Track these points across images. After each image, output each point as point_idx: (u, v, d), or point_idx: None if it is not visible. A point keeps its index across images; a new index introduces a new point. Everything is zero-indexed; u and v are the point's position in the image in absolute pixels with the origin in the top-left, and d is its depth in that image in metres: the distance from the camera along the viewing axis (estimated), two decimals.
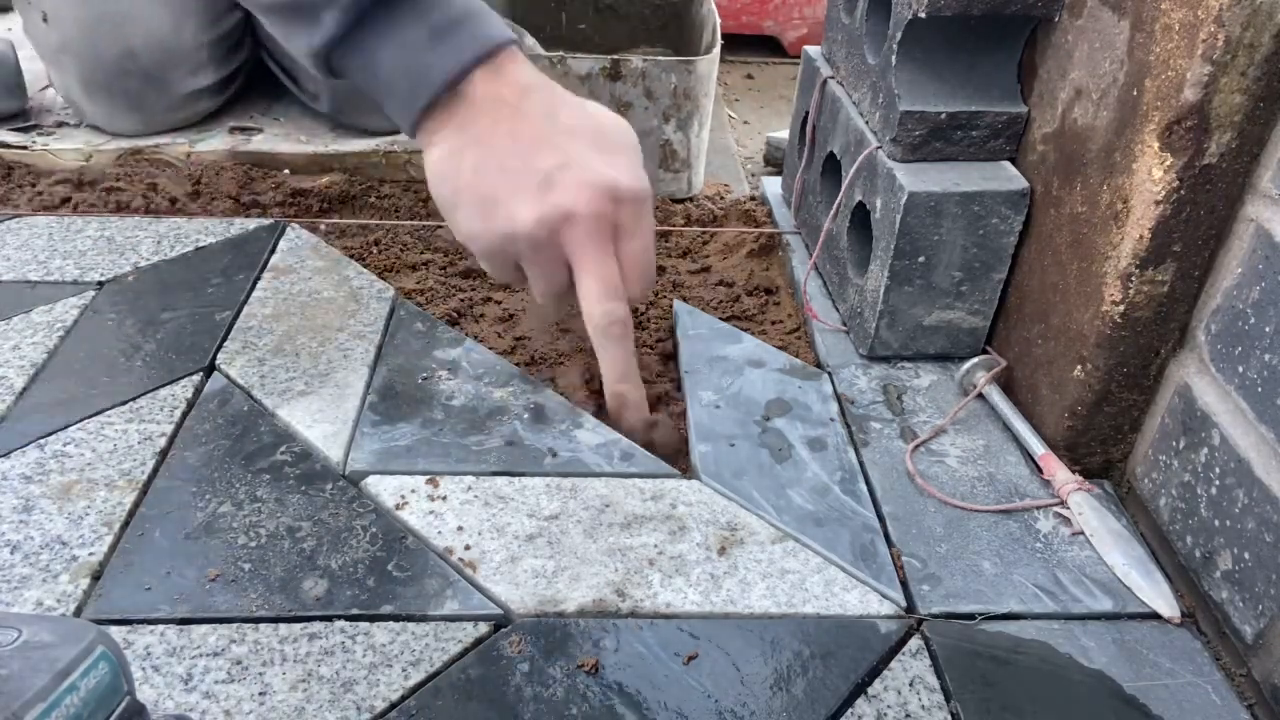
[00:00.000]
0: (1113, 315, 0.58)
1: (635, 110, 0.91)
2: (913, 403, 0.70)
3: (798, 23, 1.43)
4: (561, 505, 0.60)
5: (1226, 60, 0.50)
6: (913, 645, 0.53)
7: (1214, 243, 0.56)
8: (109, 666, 0.38)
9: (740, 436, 0.66)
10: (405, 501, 0.59)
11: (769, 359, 0.74)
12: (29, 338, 0.71)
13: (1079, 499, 0.61)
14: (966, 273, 0.69)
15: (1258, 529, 0.51)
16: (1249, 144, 0.52)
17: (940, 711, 0.50)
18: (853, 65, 0.77)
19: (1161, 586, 0.57)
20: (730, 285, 0.84)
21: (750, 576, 0.56)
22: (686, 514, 0.60)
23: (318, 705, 0.48)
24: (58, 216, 0.87)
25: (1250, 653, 0.52)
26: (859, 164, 0.73)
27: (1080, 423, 0.63)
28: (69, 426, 0.63)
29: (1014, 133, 0.68)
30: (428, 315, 0.76)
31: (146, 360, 0.70)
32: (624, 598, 0.54)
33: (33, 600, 0.52)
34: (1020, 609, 0.55)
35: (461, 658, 0.51)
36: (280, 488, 0.60)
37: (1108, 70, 0.58)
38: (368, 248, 0.85)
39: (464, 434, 0.65)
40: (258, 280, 0.79)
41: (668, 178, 0.95)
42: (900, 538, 0.59)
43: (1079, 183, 0.61)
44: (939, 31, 0.66)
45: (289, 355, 0.71)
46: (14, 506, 0.57)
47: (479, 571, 0.55)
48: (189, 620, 0.52)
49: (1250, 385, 0.53)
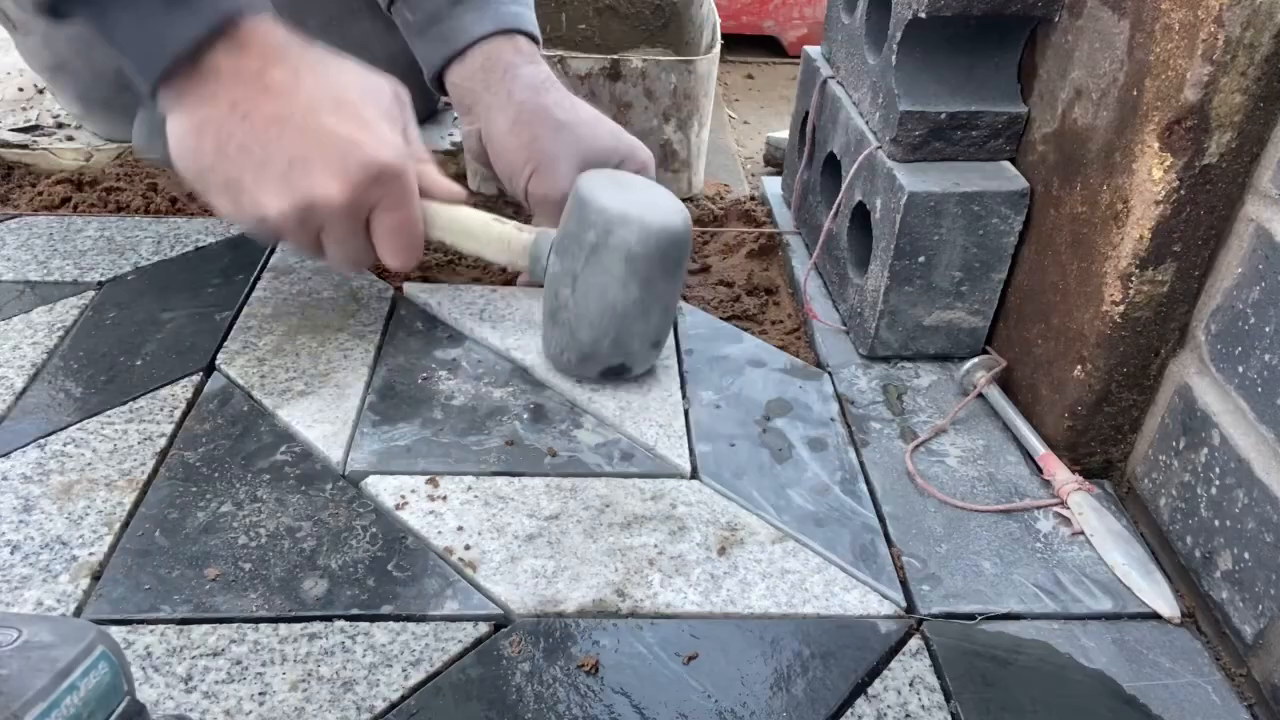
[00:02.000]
0: (1113, 315, 0.58)
1: (635, 110, 0.91)
2: (913, 403, 0.71)
3: (798, 23, 1.43)
4: (561, 505, 0.60)
5: (1226, 60, 0.50)
6: (913, 645, 0.53)
7: (1214, 243, 0.56)
8: (109, 666, 0.38)
9: (740, 436, 0.66)
10: (405, 501, 0.59)
11: (769, 359, 0.74)
12: (29, 338, 0.71)
13: (1079, 499, 0.61)
14: (966, 273, 0.69)
15: (1258, 529, 0.51)
16: (1249, 144, 0.53)
17: (940, 711, 0.50)
18: (853, 65, 0.77)
19: (1161, 586, 0.57)
20: (730, 285, 0.84)
21: (750, 576, 0.56)
22: (686, 514, 0.60)
23: (318, 705, 0.48)
24: (58, 216, 0.87)
25: (1250, 653, 0.52)
26: (859, 164, 0.73)
27: (1080, 423, 0.63)
28: (69, 426, 0.63)
29: (1014, 133, 0.68)
30: (428, 314, 0.76)
31: (146, 360, 0.70)
32: (624, 598, 0.54)
33: (33, 600, 0.52)
34: (1020, 609, 0.55)
35: (461, 658, 0.51)
36: (280, 488, 0.60)
37: (1108, 70, 0.58)
38: None
39: (464, 434, 0.65)
40: (257, 280, 0.79)
41: (668, 178, 0.95)
42: (900, 538, 0.59)
43: (1079, 183, 0.61)
44: (939, 31, 0.66)
45: (289, 355, 0.71)
46: (14, 506, 0.57)
47: (479, 571, 0.55)
48: (189, 620, 0.52)
49: (1250, 385, 0.53)
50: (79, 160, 0.96)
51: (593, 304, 0.65)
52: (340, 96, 0.60)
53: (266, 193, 0.58)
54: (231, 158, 0.58)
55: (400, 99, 0.65)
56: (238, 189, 0.59)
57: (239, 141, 0.57)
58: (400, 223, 0.62)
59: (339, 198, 0.58)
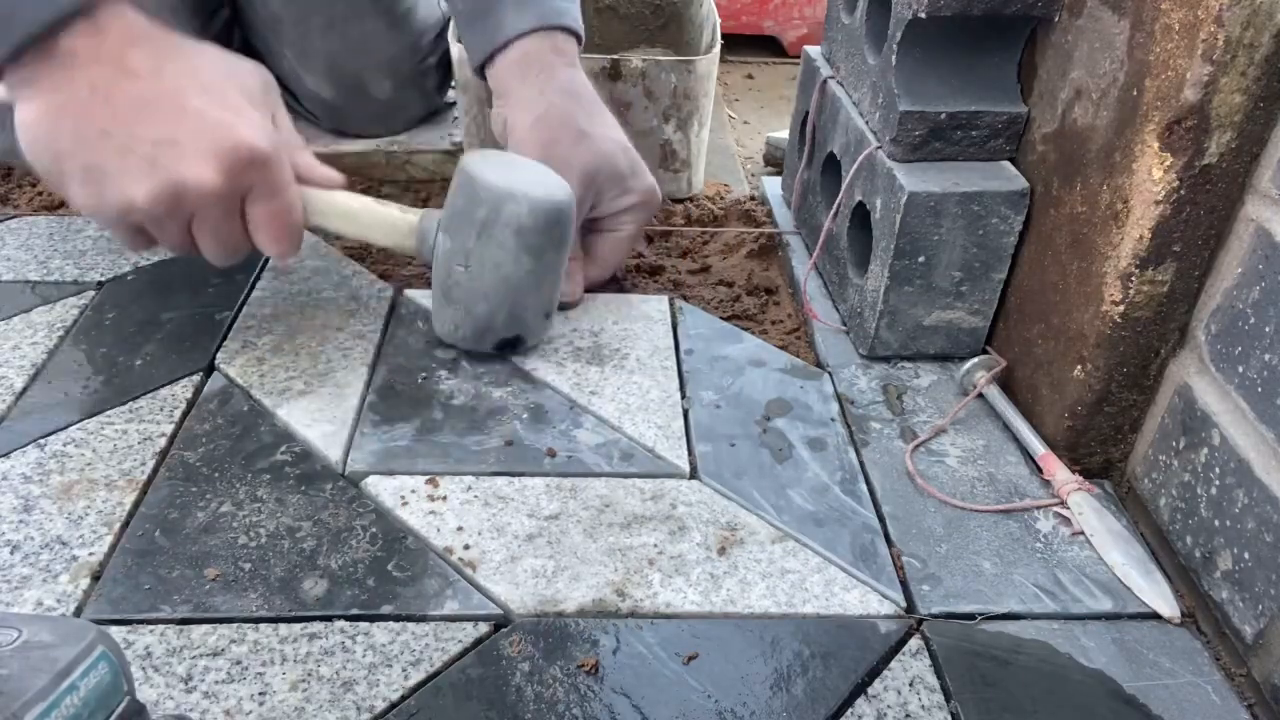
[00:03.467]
0: (1113, 315, 0.58)
1: (635, 110, 0.91)
2: (913, 403, 0.71)
3: (798, 23, 1.43)
4: (561, 505, 0.60)
5: (1226, 60, 0.50)
6: (913, 645, 0.53)
7: (1214, 243, 0.56)
8: (109, 666, 0.38)
9: (741, 436, 0.66)
10: (405, 501, 0.59)
11: (769, 359, 0.74)
12: (29, 338, 0.71)
13: (1079, 499, 0.61)
14: (966, 273, 0.69)
15: (1258, 529, 0.51)
16: (1249, 144, 0.52)
17: (940, 711, 0.50)
18: (853, 65, 0.77)
19: (1161, 586, 0.57)
20: (730, 285, 0.84)
21: (750, 576, 0.56)
22: (686, 514, 0.60)
23: (318, 705, 0.48)
24: (58, 216, 0.87)
25: (1250, 653, 0.52)
26: (859, 164, 0.73)
27: (1080, 423, 0.63)
28: (69, 426, 0.63)
29: (1014, 133, 0.68)
30: (428, 314, 0.76)
31: (146, 360, 0.70)
32: (624, 598, 0.54)
33: (33, 600, 0.52)
34: (1020, 609, 0.55)
35: (461, 658, 0.51)
36: (280, 488, 0.60)
37: (1108, 70, 0.58)
38: (367, 247, 0.85)
39: (463, 434, 0.65)
40: (257, 280, 0.79)
41: (668, 177, 0.95)
42: (900, 538, 0.59)
43: (1079, 183, 0.61)
44: (939, 31, 0.66)
45: (288, 355, 0.71)
46: (14, 506, 0.57)
47: (479, 571, 0.55)
48: (189, 620, 0.52)
49: (1250, 385, 0.53)
50: None
51: (487, 278, 0.66)
52: (206, 80, 0.58)
53: (131, 179, 0.55)
54: (92, 143, 0.55)
55: (268, 85, 0.63)
56: (99, 177, 0.56)
57: (100, 125, 0.54)
58: (276, 210, 0.60)
59: (211, 181, 0.56)
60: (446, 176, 0.73)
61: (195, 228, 0.60)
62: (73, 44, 0.54)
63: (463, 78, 0.89)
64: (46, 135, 0.55)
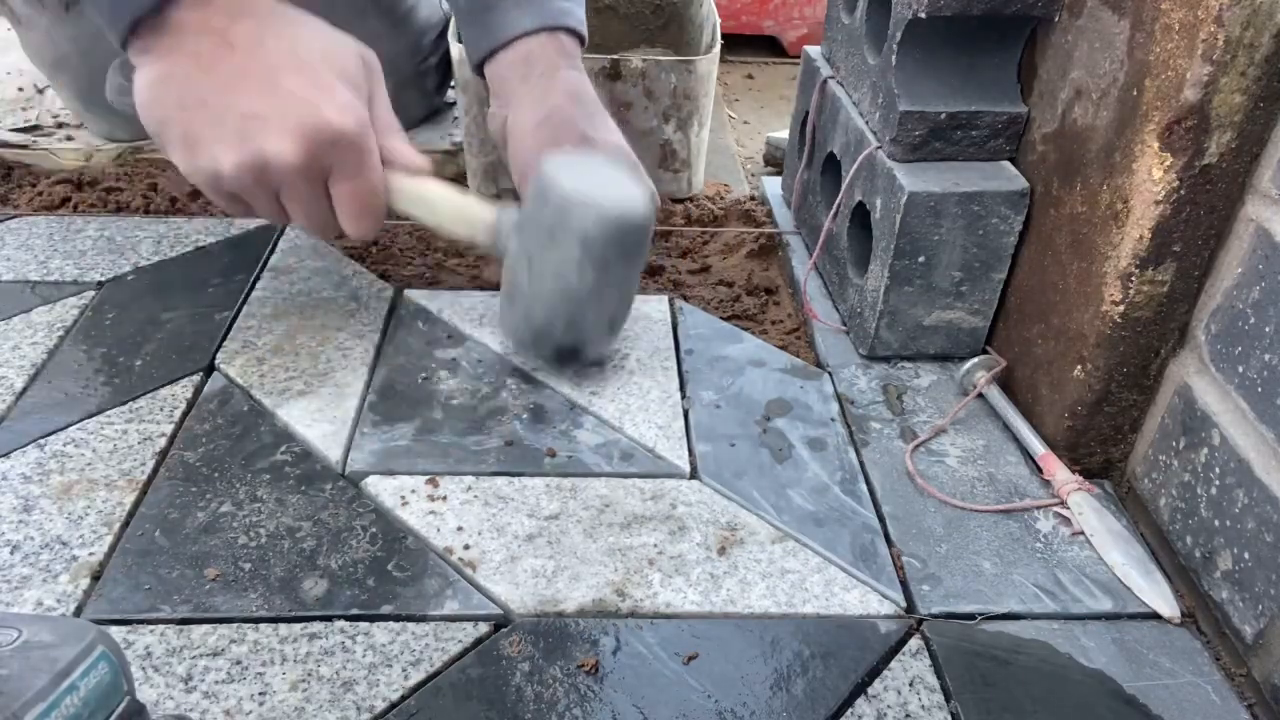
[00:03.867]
0: (1113, 315, 0.58)
1: (635, 110, 0.91)
2: (913, 403, 0.71)
3: (798, 23, 1.43)
4: (561, 505, 0.60)
5: (1226, 60, 0.50)
6: (913, 645, 0.53)
7: (1214, 243, 0.56)
8: (109, 666, 0.38)
9: (740, 436, 0.66)
10: (405, 501, 0.59)
11: (769, 359, 0.74)
12: (29, 338, 0.71)
13: (1079, 499, 0.61)
14: (966, 273, 0.69)
15: (1258, 529, 0.51)
16: (1249, 144, 0.52)
17: (940, 711, 0.50)
18: (853, 65, 0.77)
19: (1161, 586, 0.57)
20: (730, 285, 0.84)
21: (750, 576, 0.56)
22: (686, 514, 0.60)
23: (318, 705, 0.48)
24: (58, 216, 0.87)
25: (1250, 653, 0.52)
26: (859, 164, 0.73)
27: (1080, 423, 0.63)
28: (69, 426, 0.63)
29: (1014, 133, 0.68)
30: (428, 314, 0.76)
31: (146, 360, 0.70)
32: (624, 598, 0.54)
33: (33, 600, 0.52)
34: (1020, 609, 0.55)
35: (461, 658, 0.51)
36: (280, 488, 0.60)
37: (1108, 70, 0.58)
38: (367, 247, 0.85)
39: (464, 434, 0.65)
40: (257, 280, 0.79)
41: (668, 177, 0.95)
42: (900, 538, 0.59)
43: (1079, 183, 0.61)
44: (939, 31, 0.66)
45: (288, 355, 0.71)
46: (14, 506, 0.57)
47: (479, 571, 0.55)
48: (189, 620, 0.52)
49: (1250, 385, 0.53)
50: (79, 160, 0.96)
51: (547, 285, 0.65)
52: (303, 57, 0.59)
53: (221, 148, 0.58)
54: (191, 110, 0.58)
55: (369, 65, 0.64)
56: (194, 144, 0.59)
57: (199, 95, 0.58)
58: (358, 190, 0.62)
59: (291, 158, 0.58)
60: (447, 177, 0.73)
61: (285, 200, 0.62)
62: (181, 17, 0.57)
63: (463, 78, 0.89)
64: (154, 101, 0.59)
